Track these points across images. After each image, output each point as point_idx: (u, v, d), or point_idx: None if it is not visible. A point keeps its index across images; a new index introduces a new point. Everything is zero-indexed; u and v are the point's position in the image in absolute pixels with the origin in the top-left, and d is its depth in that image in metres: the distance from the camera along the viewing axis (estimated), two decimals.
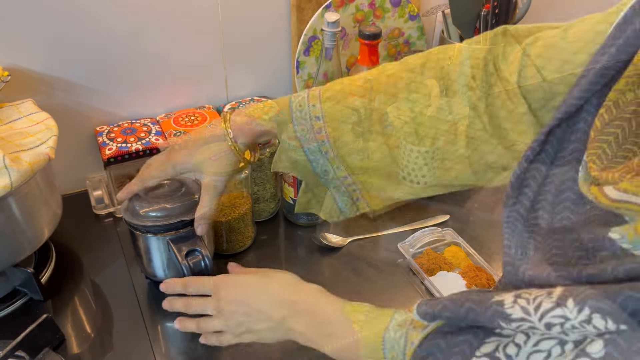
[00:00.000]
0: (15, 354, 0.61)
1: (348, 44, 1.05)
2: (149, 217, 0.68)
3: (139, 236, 0.70)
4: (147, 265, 0.73)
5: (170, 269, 0.73)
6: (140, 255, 0.73)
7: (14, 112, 0.77)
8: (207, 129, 0.67)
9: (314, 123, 0.61)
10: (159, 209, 0.69)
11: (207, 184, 0.66)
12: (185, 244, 0.68)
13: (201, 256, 0.68)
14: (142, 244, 0.71)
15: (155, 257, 0.72)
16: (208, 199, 0.66)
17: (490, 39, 0.58)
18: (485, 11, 1.02)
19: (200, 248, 0.68)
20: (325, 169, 0.63)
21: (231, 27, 0.96)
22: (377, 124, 0.60)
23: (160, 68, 0.94)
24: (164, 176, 0.69)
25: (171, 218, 0.68)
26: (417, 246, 0.83)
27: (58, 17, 0.82)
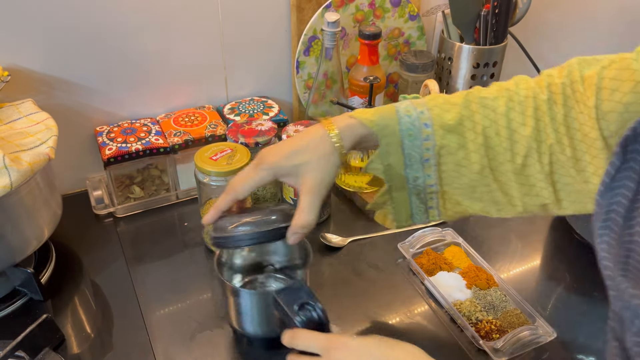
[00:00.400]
0: (15, 354, 0.60)
1: (348, 44, 1.05)
2: (239, 230, 0.60)
3: (238, 291, 0.64)
4: (238, 317, 0.66)
5: (265, 324, 0.65)
6: (231, 306, 0.66)
7: (14, 112, 0.77)
8: (302, 132, 0.62)
9: (422, 130, 0.60)
10: (251, 222, 0.60)
11: (310, 187, 0.59)
12: (294, 296, 0.59)
13: (314, 309, 0.58)
14: (237, 296, 0.64)
15: (254, 311, 0.64)
16: (310, 204, 0.59)
17: (567, 65, 0.58)
18: (485, 11, 1.02)
19: (312, 300, 0.58)
20: (417, 174, 0.62)
21: (231, 27, 0.96)
22: (480, 136, 0.59)
23: (160, 68, 0.94)
24: (259, 183, 0.61)
25: (266, 225, 0.60)
26: (417, 246, 0.83)
27: (58, 17, 0.82)
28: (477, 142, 0.59)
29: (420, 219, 0.67)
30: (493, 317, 0.72)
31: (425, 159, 0.61)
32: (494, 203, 0.62)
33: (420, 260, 0.81)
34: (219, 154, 0.78)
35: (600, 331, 0.72)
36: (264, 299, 0.63)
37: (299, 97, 1.06)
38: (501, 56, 1.06)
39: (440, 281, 0.77)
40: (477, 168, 0.60)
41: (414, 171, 0.62)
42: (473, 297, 0.75)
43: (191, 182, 0.94)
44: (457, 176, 0.61)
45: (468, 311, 0.72)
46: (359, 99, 1.00)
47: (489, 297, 0.74)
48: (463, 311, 0.73)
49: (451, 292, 0.75)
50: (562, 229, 0.89)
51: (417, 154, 0.61)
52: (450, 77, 1.09)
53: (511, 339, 0.67)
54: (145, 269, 0.81)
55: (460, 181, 0.62)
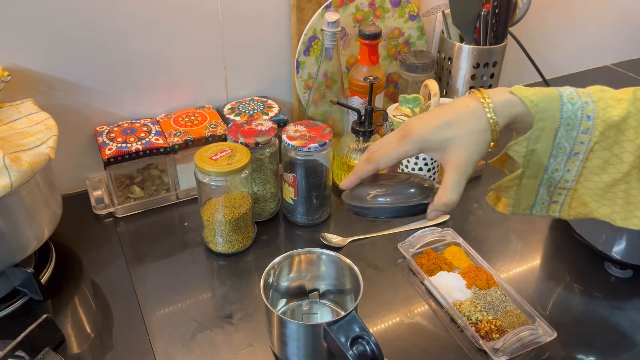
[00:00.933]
0: (15, 354, 0.60)
1: (348, 44, 1.05)
2: (379, 202, 0.58)
3: (286, 322, 0.61)
4: (282, 347, 0.64)
5: (311, 356, 0.63)
6: (275, 334, 0.64)
7: (14, 112, 0.77)
8: (451, 103, 0.58)
9: (583, 122, 0.56)
10: (390, 194, 0.58)
11: (457, 164, 0.56)
12: (346, 329, 0.57)
13: (367, 343, 0.56)
14: (284, 326, 0.62)
15: (300, 342, 0.62)
16: (456, 182, 0.56)
17: None
18: (485, 11, 1.02)
19: (365, 334, 0.56)
20: (558, 167, 0.59)
21: (231, 27, 0.96)
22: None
23: (160, 68, 0.94)
24: (402, 155, 0.58)
25: (406, 199, 0.58)
26: (417, 246, 0.83)
27: (58, 17, 0.82)
28: (636, 143, 0.56)
29: (540, 210, 0.63)
30: (493, 317, 0.72)
31: (575, 152, 0.57)
32: (626, 207, 0.58)
33: (420, 260, 0.81)
34: (219, 154, 0.78)
35: (600, 331, 0.72)
36: (313, 331, 0.60)
37: (299, 97, 1.06)
38: (501, 56, 1.06)
39: (440, 281, 0.77)
40: (625, 168, 0.56)
41: (557, 163, 0.58)
42: (473, 297, 0.75)
43: (191, 182, 0.94)
44: (598, 174, 0.58)
45: (468, 311, 0.72)
46: (359, 99, 1.00)
47: (489, 297, 0.74)
48: (463, 311, 0.73)
49: (451, 292, 0.75)
50: (562, 229, 0.89)
51: (568, 145, 0.57)
52: (450, 77, 1.09)
53: (511, 339, 0.67)
54: (145, 269, 0.81)
55: (599, 180, 0.58)
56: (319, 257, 0.68)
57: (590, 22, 1.42)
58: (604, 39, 1.48)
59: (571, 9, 1.36)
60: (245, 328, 0.72)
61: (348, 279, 0.67)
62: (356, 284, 0.64)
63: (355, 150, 0.90)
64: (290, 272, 0.70)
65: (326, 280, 0.71)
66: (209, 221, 0.81)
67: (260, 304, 0.75)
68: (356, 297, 0.62)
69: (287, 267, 0.69)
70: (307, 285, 0.72)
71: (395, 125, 0.99)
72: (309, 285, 0.72)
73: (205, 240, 0.84)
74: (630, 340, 0.71)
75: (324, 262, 0.69)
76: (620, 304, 0.76)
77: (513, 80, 1.39)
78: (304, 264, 0.69)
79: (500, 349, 0.67)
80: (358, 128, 0.88)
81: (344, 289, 0.69)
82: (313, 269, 0.70)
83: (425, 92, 0.99)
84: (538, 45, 1.35)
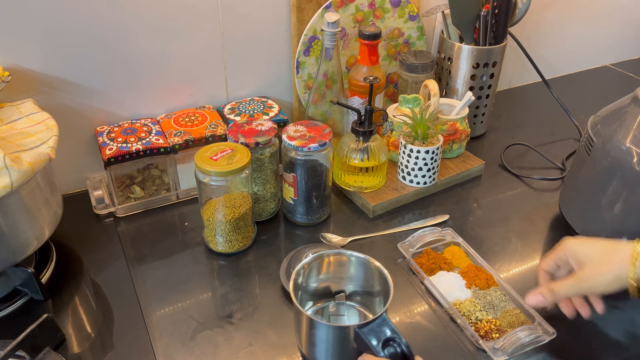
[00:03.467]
0: (16, 354, 0.61)
1: (348, 44, 1.05)
2: None
3: (316, 323, 0.61)
4: (311, 348, 0.64)
5: (339, 357, 0.63)
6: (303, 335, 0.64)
7: (15, 112, 0.77)
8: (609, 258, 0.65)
9: None
10: None
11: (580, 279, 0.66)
12: (377, 331, 0.57)
13: (399, 345, 0.56)
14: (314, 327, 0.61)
15: (329, 344, 0.62)
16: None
17: None
18: (485, 11, 1.02)
19: (396, 336, 0.57)
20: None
21: (231, 27, 0.96)
22: None
23: (161, 68, 0.94)
24: (574, 293, 0.67)
25: None
26: (417, 246, 0.83)
27: (59, 18, 0.82)
28: None
29: None
30: (493, 317, 0.72)
31: None
32: None
33: (420, 260, 0.81)
34: (219, 154, 0.78)
35: (600, 331, 0.72)
36: (342, 332, 0.60)
37: (299, 97, 1.06)
38: (501, 56, 1.07)
39: (440, 281, 0.77)
40: None
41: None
42: (473, 296, 0.75)
43: (191, 182, 0.94)
44: None
45: (468, 311, 0.73)
46: (358, 99, 1.00)
47: (488, 296, 0.75)
48: (463, 311, 0.73)
49: (451, 291, 0.76)
50: (562, 229, 0.89)
51: None
52: (450, 77, 1.09)
53: (511, 339, 0.67)
54: (145, 269, 0.81)
55: None
56: (348, 258, 0.69)
57: (590, 22, 1.42)
58: (604, 39, 1.49)
59: (571, 9, 1.37)
60: (246, 328, 0.72)
61: (377, 281, 0.67)
62: (385, 286, 0.64)
63: (355, 150, 0.90)
64: (319, 273, 0.70)
65: (354, 282, 0.70)
66: (209, 221, 0.81)
67: (260, 303, 0.75)
68: (385, 300, 0.62)
69: (316, 268, 0.69)
70: (333, 286, 0.72)
71: (395, 125, 0.99)
72: (335, 286, 0.72)
73: (205, 240, 0.84)
74: (630, 340, 0.71)
75: (353, 264, 0.69)
76: (620, 304, 0.76)
77: (513, 80, 1.39)
78: (333, 265, 0.69)
79: (500, 348, 0.67)
80: (358, 128, 0.88)
81: (372, 291, 0.69)
82: (342, 270, 0.70)
83: (425, 92, 0.99)
84: (538, 45, 1.35)
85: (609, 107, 0.82)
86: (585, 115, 0.90)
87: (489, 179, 1.03)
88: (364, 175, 0.92)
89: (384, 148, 0.91)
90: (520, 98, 1.35)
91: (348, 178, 0.94)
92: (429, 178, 0.94)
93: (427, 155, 0.91)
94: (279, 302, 0.75)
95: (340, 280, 0.71)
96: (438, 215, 0.92)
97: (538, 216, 0.93)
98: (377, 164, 0.91)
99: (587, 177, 0.81)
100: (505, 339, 0.67)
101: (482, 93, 1.09)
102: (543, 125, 1.22)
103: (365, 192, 0.93)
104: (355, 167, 0.91)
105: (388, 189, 0.95)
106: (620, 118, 0.77)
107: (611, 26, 1.47)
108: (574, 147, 1.12)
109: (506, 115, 1.26)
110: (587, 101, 1.29)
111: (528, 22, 1.29)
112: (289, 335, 0.71)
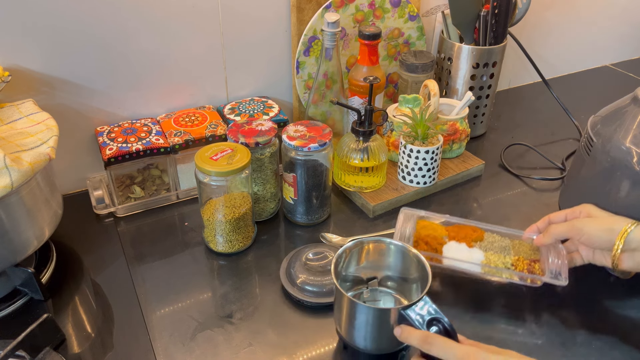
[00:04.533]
0: (16, 354, 0.61)
1: (348, 44, 1.05)
2: None
3: (358, 306, 0.63)
4: (350, 331, 0.65)
5: (379, 340, 0.65)
6: (344, 318, 0.65)
7: (15, 112, 0.78)
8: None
9: None
10: None
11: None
12: (421, 313, 0.60)
13: (443, 325, 0.59)
14: (356, 310, 0.63)
15: (368, 327, 0.64)
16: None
17: None
18: (484, 11, 1.02)
19: (439, 316, 0.59)
20: None
21: (231, 27, 0.96)
22: None
23: (161, 68, 0.94)
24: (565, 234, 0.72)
25: None
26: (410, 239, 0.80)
27: (59, 18, 0.82)
28: None
29: None
30: (515, 256, 0.74)
31: None
32: None
33: (419, 248, 0.77)
34: (220, 154, 0.78)
35: (600, 331, 0.72)
36: (384, 315, 0.62)
37: (299, 97, 1.06)
38: (501, 56, 1.07)
39: (452, 255, 0.76)
40: None
41: None
42: (484, 251, 0.75)
43: (191, 182, 0.94)
44: None
45: (495, 265, 0.73)
46: (358, 99, 1.00)
47: (491, 245, 0.76)
48: (498, 265, 0.74)
49: (469, 257, 0.75)
50: None
51: None
52: (449, 77, 1.09)
53: (554, 260, 0.70)
54: (145, 269, 0.81)
55: None
56: (387, 246, 0.71)
57: (590, 22, 1.42)
58: (603, 39, 1.49)
59: (571, 9, 1.37)
60: (246, 328, 0.72)
61: (415, 268, 0.69)
62: (423, 272, 0.66)
63: (355, 150, 0.90)
64: (359, 260, 0.72)
65: (391, 270, 0.72)
66: (209, 221, 0.81)
67: (260, 303, 0.75)
68: (424, 285, 0.64)
69: (356, 255, 0.71)
70: (365, 274, 0.73)
71: (395, 125, 0.99)
72: (368, 273, 0.73)
73: (205, 240, 0.84)
74: (630, 340, 0.71)
75: (392, 252, 0.71)
76: (620, 303, 0.76)
77: (513, 80, 1.39)
78: (372, 252, 0.71)
79: (557, 274, 0.69)
80: (358, 128, 0.88)
81: (408, 278, 0.71)
82: (380, 258, 0.72)
83: (425, 92, 0.99)
84: (538, 46, 1.35)
85: (608, 107, 0.82)
86: (585, 115, 0.90)
87: (489, 179, 1.03)
88: (364, 175, 0.92)
89: (384, 148, 0.92)
90: (520, 98, 1.35)
91: (348, 178, 0.94)
92: (429, 178, 0.94)
93: (427, 155, 0.91)
94: (279, 302, 0.75)
95: (377, 268, 0.73)
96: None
97: (538, 216, 0.92)
98: (377, 164, 0.91)
99: (587, 177, 0.81)
100: (551, 263, 0.71)
101: (482, 93, 1.09)
102: (543, 125, 1.22)
103: (365, 192, 0.93)
104: (355, 167, 0.91)
105: (388, 189, 0.95)
106: (620, 118, 0.77)
107: (611, 26, 1.47)
108: (574, 147, 1.12)
109: (506, 115, 1.26)
110: (587, 101, 1.29)
111: (528, 22, 1.29)
112: (289, 335, 0.71)
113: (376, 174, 0.93)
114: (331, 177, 0.89)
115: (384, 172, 0.94)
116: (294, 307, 0.75)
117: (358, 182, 0.93)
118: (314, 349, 0.69)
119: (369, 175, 0.92)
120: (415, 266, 0.68)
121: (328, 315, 0.73)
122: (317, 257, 0.78)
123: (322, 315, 0.73)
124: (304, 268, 0.76)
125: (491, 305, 0.75)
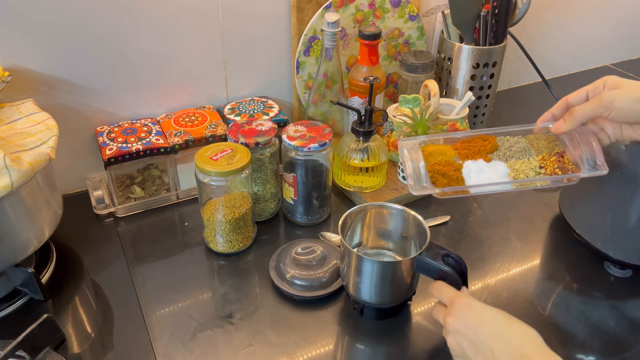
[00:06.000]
0: (16, 354, 0.61)
1: (348, 44, 1.05)
2: None
3: (365, 260, 0.68)
4: (356, 286, 0.71)
5: (387, 294, 0.71)
6: (351, 275, 0.71)
7: (15, 112, 0.77)
8: None
9: None
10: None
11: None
12: (434, 252, 0.67)
13: (454, 259, 0.67)
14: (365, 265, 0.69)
15: (379, 280, 0.69)
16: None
17: None
18: (485, 11, 1.02)
19: (449, 252, 0.67)
20: None
21: (231, 27, 0.96)
22: None
23: (161, 68, 0.94)
24: (592, 113, 0.64)
25: None
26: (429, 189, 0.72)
27: (59, 18, 0.82)
28: None
29: None
30: (538, 155, 0.69)
31: None
32: None
33: (438, 184, 0.70)
34: (220, 154, 0.78)
35: (600, 331, 0.72)
36: (388, 267, 0.69)
37: (299, 97, 1.06)
38: (501, 56, 1.07)
39: (477, 177, 0.70)
40: None
41: None
42: (505, 162, 0.70)
43: (191, 182, 0.94)
44: None
45: (528, 170, 0.68)
46: (358, 99, 1.00)
47: (511, 150, 0.71)
48: (528, 173, 0.68)
49: (495, 173, 0.69)
50: (561, 229, 0.89)
51: None
52: (450, 77, 1.09)
53: (587, 150, 0.66)
54: (145, 269, 0.81)
55: None
56: (389, 211, 0.76)
57: (590, 22, 1.42)
58: (603, 39, 1.49)
59: (571, 9, 1.37)
60: (246, 328, 0.72)
61: (413, 227, 0.74)
62: (421, 228, 0.71)
63: (355, 150, 0.90)
64: (363, 223, 0.77)
65: (392, 231, 0.77)
66: (209, 221, 0.81)
67: (260, 303, 0.75)
68: (423, 239, 0.70)
69: (361, 219, 0.76)
70: (363, 235, 0.78)
71: (395, 125, 0.99)
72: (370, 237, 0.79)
73: (205, 240, 0.84)
74: (630, 340, 0.71)
75: (394, 216, 0.76)
76: (620, 303, 0.76)
77: (513, 80, 1.39)
78: (374, 217, 0.76)
79: (594, 158, 0.66)
80: (358, 128, 0.88)
81: (407, 236, 0.76)
82: (382, 221, 0.77)
83: (425, 92, 0.99)
84: (538, 46, 1.35)
85: None
86: None
87: None
88: (364, 175, 0.92)
89: (384, 148, 0.92)
90: (520, 98, 1.35)
91: (348, 178, 0.94)
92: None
93: None
94: (279, 302, 0.75)
95: (379, 230, 0.78)
96: (438, 216, 0.92)
97: (538, 216, 0.93)
98: (377, 164, 0.91)
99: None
100: (584, 155, 0.66)
101: (482, 93, 1.09)
102: None
103: (365, 192, 0.93)
104: (355, 167, 0.91)
105: (388, 189, 0.95)
106: None
107: (611, 26, 1.47)
108: None
109: (506, 115, 1.26)
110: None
111: (528, 22, 1.29)
112: (289, 335, 0.71)
113: (376, 174, 0.93)
114: (331, 177, 0.89)
115: (384, 172, 0.94)
116: (294, 307, 0.75)
117: (358, 182, 0.93)
118: (314, 349, 0.69)
119: (369, 175, 0.92)
120: (413, 225, 0.74)
121: (328, 315, 0.73)
122: (305, 251, 0.79)
123: (322, 315, 0.73)
124: (294, 263, 0.77)
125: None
